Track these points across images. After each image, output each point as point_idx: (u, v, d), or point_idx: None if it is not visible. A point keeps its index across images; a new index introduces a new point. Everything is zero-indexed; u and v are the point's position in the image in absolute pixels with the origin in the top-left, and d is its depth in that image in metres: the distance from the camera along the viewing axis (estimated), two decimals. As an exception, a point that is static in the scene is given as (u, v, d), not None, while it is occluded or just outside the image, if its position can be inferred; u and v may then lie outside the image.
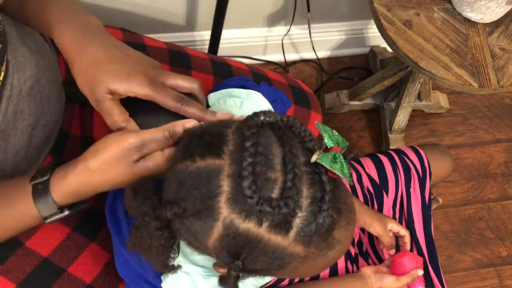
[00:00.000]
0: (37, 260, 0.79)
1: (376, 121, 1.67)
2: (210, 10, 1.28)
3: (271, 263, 0.56)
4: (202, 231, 0.55)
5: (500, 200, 1.63)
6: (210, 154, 0.55)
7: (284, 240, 0.54)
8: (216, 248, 0.56)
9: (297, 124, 0.57)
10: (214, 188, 0.54)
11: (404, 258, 0.95)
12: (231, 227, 0.54)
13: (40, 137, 0.80)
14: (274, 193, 0.53)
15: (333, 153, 0.56)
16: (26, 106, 0.75)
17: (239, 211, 0.53)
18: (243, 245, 0.54)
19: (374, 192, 1.06)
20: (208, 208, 0.54)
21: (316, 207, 0.54)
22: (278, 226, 0.53)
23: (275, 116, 0.57)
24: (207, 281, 0.68)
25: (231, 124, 0.58)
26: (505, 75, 1.16)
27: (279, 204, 0.52)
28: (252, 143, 0.54)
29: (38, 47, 0.79)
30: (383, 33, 1.18)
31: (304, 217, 0.53)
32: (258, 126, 0.56)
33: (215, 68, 0.98)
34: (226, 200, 0.53)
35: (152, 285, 0.71)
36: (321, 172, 0.55)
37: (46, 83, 0.79)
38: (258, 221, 0.53)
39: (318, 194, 0.54)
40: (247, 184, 0.52)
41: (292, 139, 0.57)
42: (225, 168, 0.54)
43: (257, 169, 0.53)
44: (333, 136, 0.58)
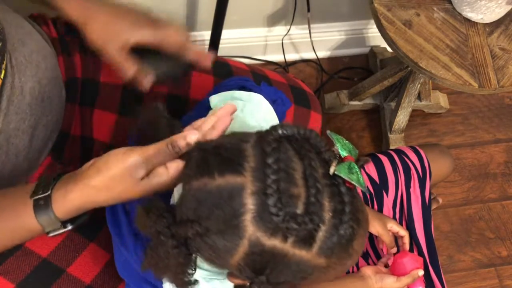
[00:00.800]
0: (37, 260, 0.79)
1: (376, 121, 1.67)
2: (210, 10, 1.28)
3: (294, 276, 0.56)
4: (226, 250, 0.55)
5: (500, 200, 1.63)
6: (230, 171, 0.54)
7: (308, 253, 0.54)
8: (240, 264, 0.56)
9: (313, 135, 0.57)
10: (238, 207, 0.53)
11: (405, 259, 0.95)
12: (257, 245, 0.53)
13: (41, 138, 0.80)
14: (299, 209, 0.53)
15: (348, 163, 0.56)
16: (27, 107, 0.75)
17: (265, 229, 0.53)
18: (268, 261, 0.54)
19: (374, 192, 1.06)
20: (233, 226, 0.53)
21: (338, 219, 0.54)
22: (303, 241, 0.53)
23: (292, 128, 0.56)
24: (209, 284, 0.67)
25: (248, 138, 0.57)
26: (505, 75, 1.16)
27: (304, 220, 0.52)
28: (274, 159, 0.53)
29: (38, 48, 0.79)
30: (383, 33, 1.18)
31: (326, 230, 0.54)
32: (276, 140, 0.55)
33: (215, 68, 0.98)
34: (251, 219, 0.53)
35: (153, 285, 0.71)
36: (339, 184, 0.55)
37: (47, 83, 0.79)
38: (283, 237, 0.53)
39: (338, 206, 0.54)
40: (272, 201, 0.52)
41: (310, 151, 0.56)
42: (248, 186, 0.53)
43: (281, 186, 0.53)
44: (345, 145, 0.58)
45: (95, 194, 0.61)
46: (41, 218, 0.63)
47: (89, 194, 0.61)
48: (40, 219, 0.63)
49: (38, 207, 0.63)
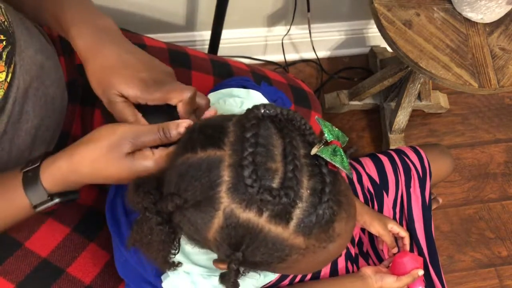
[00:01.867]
0: (36, 260, 0.79)
1: (376, 121, 1.67)
2: (210, 10, 1.28)
3: (271, 254, 0.55)
4: (203, 222, 0.55)
5: (500, 200, 1.63)
6: (211, 145, 0.55)
7: (285, 231, 0.54)
8: (217, 240, 0.56)
9: (297, 117, 0.57)
10: (214, 178, 0.54)
11: (405, 258, 0.95)
12: (232, 217, 0.54)
13: (43, 139, 0.80)
14: (275, 183, 0.53)
15: (333, 146, 0.56)
16: (31, 107, 0.75)
17: (240, 201, 0.53)
18: (243, 235, 0.54)
19: (374, 192, 1.06)
20: (209, 198, 0.54)
21: (316, 198, 0.54)
22: (279, 216, 0.53)
23: (275, 109, 0.57)
24: (207, 281, 0.68)
25: (232, 117, 0.58)
26: (505, 75, 1.16)
27: (279, 194, 0.52)
28: (252, 134, 0.54)
29: (42, 48, 0.79)
30: (383, 33, 1.18)
31: (304, 208, 0.53)
32: (258, 118, 0.56)
33: (215, 68, 0.98)
34: (226, 190, 0.53)
35: (152, 285, 0.71)
36: (321, 164, 0.55)
37: (50, 84, 0.79)
38: (258, 210, 0.53)
39: (318, 185, 0.54)
40: (247, 173, 0.52)
41: (292, 131, 0.57)
42: (225, 159, 0.54)
43: (257, 159, 0.53)
44: (333, 131, 0.58)
45: (80, 163, 0.62)
46: (28, 189, 0.63)
47: (74, 162, 0.62)
48: (27, 190, 0.63)
49: (26, 179, 0.64)
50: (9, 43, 0.67)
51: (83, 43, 0.68)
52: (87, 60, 0.68)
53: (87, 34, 0.69)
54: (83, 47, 0.69)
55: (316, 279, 0.95)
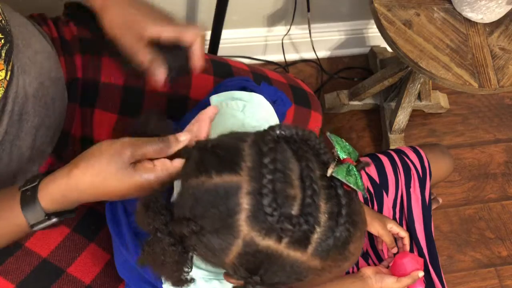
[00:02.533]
0: (37, 260, 0.79)
1: (376, 121, 1.67)
2: (210, 10, 1.28)
3: (289, 277, 0.56)
4: (221, 248, 0.55)
5: (500, 200, 1.63)
6: (227, 170, 0.54)
7: (303, 255, 0.54)
8: (234, 264, 0.56)
9: (312, 137, 0.57)
10: (233, 206, 0.53)
11: (405, 259, 0.95)
12: (251, 245, 0.53)
13: (43, 139, 0.80)
14: (294, 210, 0.53)
15: (346, 165, 0.56)
16: (31, 108, 0.75)
17: (260, 229, 0.53)
18: (261, 261, 0.54)
19: (374, 192, 1.06)
20: (227, 226, 0.53)
21: (334, 221, 0.54)
22: (298, 242, 0.53)
23: (290, 129, 0.56)
24: (209, 284, 0.67)
25: (246, 138, 0.57)
26: (505, 75, 1.16)
27: (299, 222, 0.52)
28: (270, 160, 0.53)
29: (41, 48, 0.79)
30: (383, 33, 1.18)
31: (322, 232, 0.53)
32: (274, 141, 0.55)
33: (215, 68, 0.98)
34: (246, 218, 0.53)
35: (152, 285, 0.71)
36: (336, 186, 0.55)
37: (50, 84, 0.79)
38: (278, 238, 0.53)
39: (335, 208, 0.54)
40: (267, 202, 0.52)
41: (308, 152, 0.56)
42: (243, 185, 0.53)
43: (277, 187, 0.53)
44: (344, 147, 0.58)
45: (81, 179, 0.61)
46: (25, 209, 0.63)
47: (75, 178, 0.61)
48: (25, 210, 0.63)
49: (24, 198, 0.63)
50: (7, 41, 0.67)
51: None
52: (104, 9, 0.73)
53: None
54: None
55: (316, 279, 0.95)
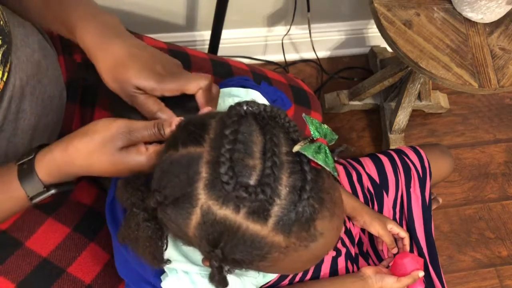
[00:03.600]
0: (37, 260, 0.79)
1: (376, 121, 1.67)
2: (210, 10, 1.28)
3: (250, 252, 0.55)
4: (182, 219, 0.55)
5: (500, 200, 1.63)
6: (192, 142, 0.55)
7: (263, 228, 0.53)
8: (196, 236, 0.56)
9: (281, 114, 0.57)
10: (192, 174, 0.54)
11: (405, 259, 0.95)
12: (209, 214, 0.53)
13: (41, 138, 0.80)
14: (252, 180, 0.53)
15: (318, 144, 0.55)
16: (28, 106, 0.75)
17: (216, 197, 0.53)
18: (221, 232, 0.54)
19: (374, 192, 1.06)
20: (187, 194, 0.54)
21: (296, 195, 0.53)
22: (256, 213, 0.53)
23: (258, 106, 0.57)
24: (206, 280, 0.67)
25: (215, 115, 0.58)
26: (505, 75, 1.16)
27: (256, 191, 0.52)
28: (231, 131, 0.54)
29: (40, 47, 0.80)
30: (383, 33, 1.18)
31: (283, 205, 0.53)
32: (240, 115, 0.56)
33: (215, 68, 0.98)
34: (203, 187, 0.53)
35: (152, 285, 0.71)
36: (303, 162, 0.54)
37: (48, 83, 0.79)
38: (235, 207, 0.53)
39: (298, 183, 0.54)
40: (224, 170, 0.52)
41: (274, 128, 0.56)
42: (204, 155, 0.54)
43: (235, 156, 0.53)
44: (320, 128, 0.57)
45: (74, 155, 0.62)
46: (23, 181, 0.64)
47: (70, 154, 0.62)
48: (23, 182, 0.64)
49: (21, 171, 0.64)
50: (5, 42, 0.67)
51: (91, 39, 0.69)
52: (97, 58, 0.68)
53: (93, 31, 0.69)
54: (90, 43, 0.69)
55: (316, 279, 0.95)
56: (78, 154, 0.62)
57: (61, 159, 0.63)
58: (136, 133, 0.62)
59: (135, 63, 0.66)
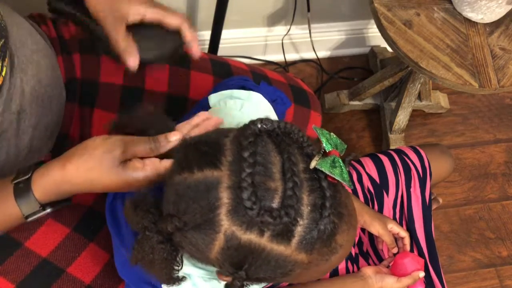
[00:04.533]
0: (37, 260, 0.79)
1: (376, 121, 1.67)
2: (210, 10, 1.28)
3: (274, 271, 0.55)
4: (204, 244, 0.55)
5: (500, 200, 1.63)
6: (208, 165, 0.54)
7: (287, 249, 0.54)
8: (219, 259, 0.56)
9: (295, 130, 0.56)
10: (213, 200, 0.53)
11: (406, 259, 0.95)
12: (233, 239, 0.53)
13: (41, 138, 0.80)
14: (275, 202, 0.53)
15: (331, 157, 0.55)
16: (28, 106, 0.75)
17: (240, 223, 0.53)
18: (245, 256, 0.54)
19: (374, 192, 1.06)
20: (209, 221, 0.53)
21: (317, 214, 0.53)
22: (280, 235, 0.53)
23: (272, 123, 0.56)
24: (208, 283, 0.67)
25: (228, 133, 0.57)
26: (505, 75, 1.16)
27: (280, 214, 0.52)
28: (250, 153, 0.53)
29: (39, 48, 0.80)
30: (383, 33, 1.18)
31: (305, 224, 0.53)
32: (255, 134, 0.55)
33: (215, 68, 0.98)
34: (226, 212, 0.53)
35: (153, 285, 0.71)
36: (320, 178, 0.55)
37: (48, 83, 0.79)
38: (259, 231, 0.53)
39: (318, 200, 0.54)
40: (246, 195, 0.51)
41: (290, 145, 0.56)
42: (224, 180, 0.53)
43: (256, 180, 0.53)
44: (331, 140, 0.57)
45: (75, 173, 0.61)
46: (19, 200, 0.63)
47: (69, 172, 0.62)
48: (19, 201, 0.63)
49: (17, 190, 0.64)
50: (2, 36, 0.67)
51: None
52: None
53: None
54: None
55: (316, 279, 0.95)
56: (78, 172, 0.61)
57: (59, 179, 0.62)
58: (132, 147, 0.61)
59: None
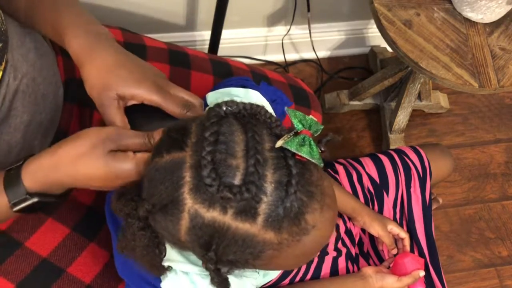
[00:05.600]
0: (37, 260, 0.79)
1: (376, 121, 1.67)
2: (210, 10, 1.28)
3: (243, 252, 0.54)
4: (172, 225, 0.55)
5: (500, 200, 1.63)
6: (175, 148, 0.55)
7: (253, 227, 0.53)
8: (188, 241, 0.56)
9: (261, 111, 0.57)
10: (177, 179, 0.54)
11: (406, 259, 0.95)
12: (197, 218, 0.53)
13: (35, 135, 0.80)
14: (236, 179, 0.53)
15: (301, 136, 0.55)
16: (20, 104, 0.75)
17: (202, 200, 0.53)
18: (211, 235, 0.54)
19: (374, 192, 1.06)
20: (174, 200, 0.54)
21: (283, 191, 0.53)
22: (244, 212, 0.52)
23: (237, 105, 0.57)
24: (205, 280, 0.68)
25: (196, 119, 0.58)
26: (505, 75, 1.16)
27: (240, 190, 0.51)
28: (211, 132, 0.54)
29: (36, 46, 0.80)
30: (383, 33, 1.18)
31: (270, 202, 0.53)
32: (219, 116, 0.56)
33: (215, 68, 0.98)
34: (188, 191, 0.53)
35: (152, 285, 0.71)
36: (287, 156, 0.54)
37: (42, 81, 0.79)
38: (222, 209, 0.53)
39: (284, 178, 0.53)
40: (206, 172, 0.52)
41: (256, 126, 0.56)
42: (187, 160, 0.54)
43: (217, 157, 0.53)
44: (304, 120, 0.57)
45: (63, 159, 0.62)
46: (8, 187, 0.63)
47: (58, 157, 0.62)
48: (7, 187, 0.63)
49: (7, 176, 0.64)
50: (1, 40, 0.67)
51: (78, 45, 0.68)
52: (83, 63, 0.68)
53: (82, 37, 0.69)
54: (78, 49, 0.68)
55: (316, 278, 0.95)
56: (66, 158, 0.61)
57: (48, 164, 0.63)
58: (126, 140, 0.62)
59: (121, 70, 0.66)
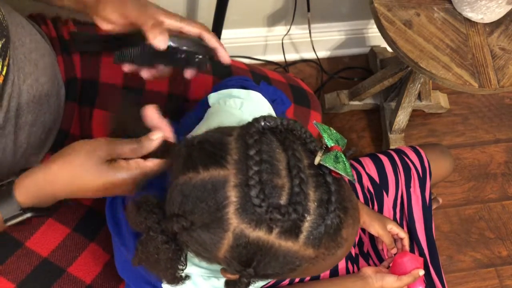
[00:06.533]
0: (37, 260, 0.79)
1: (376, 121, 1.67)
2: (210, 10, 1.28)
3: (282, 267, 0.56)
4: (212, 243, 0.55)
5: (500, 200, 1.63)
6: (214, 164, 0.54)
7: (295, 244, 0.54)
8: (227, 258, 0.56)
9: (297, 126, 0.57)
10: (221, 199, 0.53)
11: (405, 258, 0.95)
12: (242, 237, 0.53)
13: (38, 135, 0.80)
14: (282, 199, 0.53)
15: (334, 152, 0.56)
16: (25, 104, 0.75)
17: (249, 221, 0.53)
18: (254, 253, 0.54)
19: (374, 192, 1.06)
20: (217, 220, 0.54)
21: (324, 209, 0.54)
22: (288, 231, 0.53)
23: (275, 120, 0.57)
24: (207, 282, 0.68)
25: (231, 132, 0.58)
26: (505, 75, 1.16)
27: (288, 211, 0.52)
28: (256, 151, 0.53)
29: (37, 46, 0.80)
30: (383, 33, 1.18)
31: (312, 220, 0.54)
32: (259, 132, 0.56)
33: (215, 68, 0.98)
34: (234, 211, 0.53)
35: (153, 285, 0.71)
36: (325, 174, 0.55)
37: (45, 81, 0.79)
38: (268, 228, 0.53)
39: (324, 196, 0.54)
40: (255, 193, 0.52)
41: (294, 142, 0.56)
42: (231, 178, 0.54)
43: (263, 177, 0.53)
44: (332, 135, 0.58)
45: (58, 173, 0.61)
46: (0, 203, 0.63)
47: (53, 172, 0.61)
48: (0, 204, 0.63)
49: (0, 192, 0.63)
50: (3, 35, 0.68)
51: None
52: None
53: None
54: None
55: (316, 279, 0.95)
56: (61, 172, 0.61)
57: (42, 179, 0.62)
58: (117, 147, 0.61)
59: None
